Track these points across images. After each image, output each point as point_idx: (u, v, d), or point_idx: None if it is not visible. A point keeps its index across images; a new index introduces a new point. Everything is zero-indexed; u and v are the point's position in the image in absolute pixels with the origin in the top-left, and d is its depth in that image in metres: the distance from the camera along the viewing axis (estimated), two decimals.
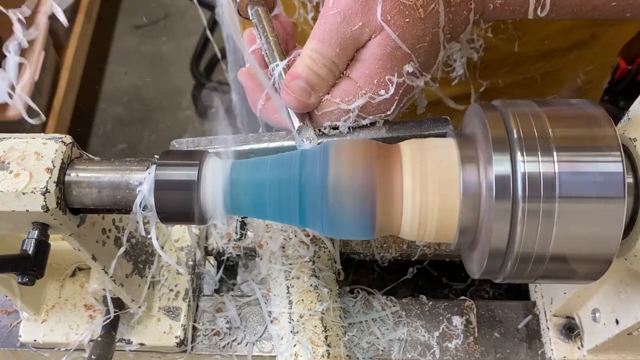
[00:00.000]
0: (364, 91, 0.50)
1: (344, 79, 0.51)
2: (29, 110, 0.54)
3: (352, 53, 0.50)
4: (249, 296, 0.69)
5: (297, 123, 0.52)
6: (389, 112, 0.52)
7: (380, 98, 0.50)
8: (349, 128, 0.52)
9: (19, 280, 0.47)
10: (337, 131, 0.52)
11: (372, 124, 0.52)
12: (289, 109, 0.52)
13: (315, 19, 0.74)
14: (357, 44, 0.49)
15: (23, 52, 0.54)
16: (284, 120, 0.53)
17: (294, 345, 0.60)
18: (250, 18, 0.56)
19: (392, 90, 0.50)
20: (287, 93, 0.51)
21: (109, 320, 0.62)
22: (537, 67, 0.80)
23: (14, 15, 0.54)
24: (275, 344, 0.63)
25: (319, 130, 0.52)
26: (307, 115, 0.52)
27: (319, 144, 0.51)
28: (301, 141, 0.51)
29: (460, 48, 0.65)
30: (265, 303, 0.67)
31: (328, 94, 0.51)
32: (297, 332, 0.60)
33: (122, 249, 0.57)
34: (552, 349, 0.64)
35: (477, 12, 0.51)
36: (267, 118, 0.55)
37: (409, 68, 0.50)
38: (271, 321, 0.65)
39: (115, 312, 0.62)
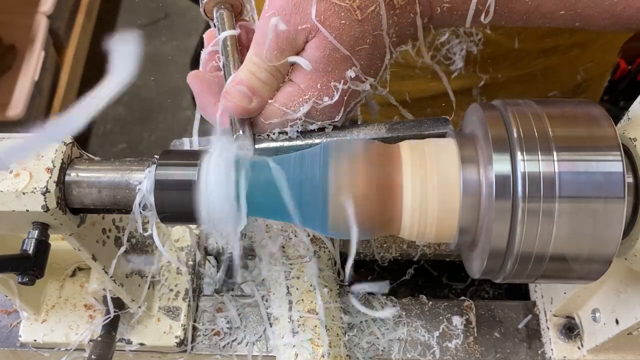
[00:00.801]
0: (307, 95, 0.49)
1: (288, 83, 0.50)
2: None
3: (292, 55, 0.49)
4: (249, 296, 0.69)
5: (237, 129, 0.51)
6: (336, 118, 0.51)
7: (325, 104, 0.49)
8: (297, 132, 0.51)
9: (19, 280, 0.47)
10: (286, 136, 0.52)
11: (321, 129, 0.52)
12: (231, 115, 0.51)
13: None
14: (294, 46, 0.49)
15: (23, 52, 0.54)
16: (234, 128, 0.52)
17: (294, 345, 0.60)
18: (214, 20, 0.56)
19: (336, 96, 0.49)
20: (227, 99, 0.50)
21: (108, 320, 0.62)
22: (538, 63, 0.80)
23: None
24: (275, 344, 0.63)
25: (267, 135, 0.52)
26: (248, 121, 0.51)
27: (255, 152, 0.51)
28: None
29: (460, 41, 0.65)
30: (265, 303, 0.67)
31: (272, 99, 0.50)
32: (297, 332, 0.60)
33: (122, 249, 0.57)
34: (552, 349, 0.64)
35: (425, 15, 0.50)
36: (216, 121, 0.54)
37: (351, 73, 0.49)
38: (271, 321, 0.65)
39: (115, 312, 0.62)
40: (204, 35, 0.58)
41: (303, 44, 0.49)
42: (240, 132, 0.51)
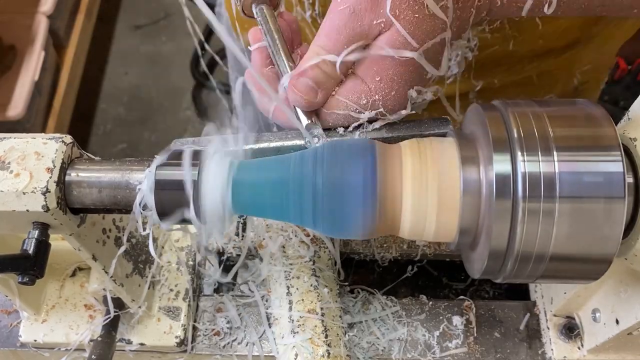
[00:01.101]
0: (370, 89, 0.49)
1: (351, 76, 0.50)
2: None
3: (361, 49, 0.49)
4: (249, 296, 0.69)
5: (305, 121, 0.51)
6: (395, 115, 0.51)
7: (388, 96, 0.49)
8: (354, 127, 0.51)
9: (20, 280, 0.47)
10: (348, 131, 0.52)
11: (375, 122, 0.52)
12: (296, 107, 0.51)
13: (312, 17, 0.74)
14: (366, 40, 0.49)
15: (23, 52, 0.53)
16: (293, 120, 0.52)
17: (294, 346, 0.60)
18: (255, 16, 0.56)
19: (396, 89, 0.49)
20: (294, 92, 0.50)
21: (109, 320, 0.62)
22: (533, 67, 0.80)
23: None
24: (275, 344, 0.63)
25: (334, 129, 0.52)
26: (314, 112, 0.52)
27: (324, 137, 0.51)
28: (310, 139, 0.51)
29: (455, 47, 0.64)
30: (265, 303, 0.67)
31: (335, 92, 0.50)
32: (297, 332, 0.60)
33: (122, 249, 0.57)
34: (552, 349, 0.64)
35: (485, 8, 0.50)
36: (279, 120, 0.54)
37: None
38: (271, 321, 0.65)
39: (115, 312, 0.62)
40: (249, 34, 0.57)
41: (374, 38, 0.48)
42: (309, 121, 0.51)
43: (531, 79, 0.82)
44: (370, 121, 0.51)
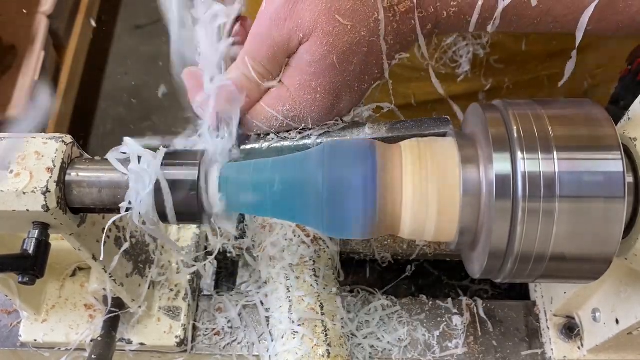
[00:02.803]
0: (294, 98, 0.49)
1: (278, 85, 0.50)
2: None
3: (284, 58, 0.50)
4: (249, 297, 0.69)
5: (225, 127, 0.51)
6: (327, 122, 0.51)
7: (312, 106, 0.50)
8: (276, 135, 0.52)
9: (20, 280, 0.47)
10: (268, 137, 0.52)
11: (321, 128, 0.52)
12: (218, 112, 0.52)
13: None
14: (287, 49, 0.49)
15: (23, 52, 0.53)
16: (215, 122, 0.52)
17: (294, 346, 0.60)
18: None
19: (320, 100, 0.49)
20: (216, 97, 0.50)
21: (109, 320, 0.62)
22: (545, 67, 0.80)
23: None
24: (274, 345, 0.63)
25: (258, 135, 0.52)
26: (236, 119, 0.51)
27: (241, 152, 0.51)
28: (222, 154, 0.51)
29: (467, 44, 0.64)
30: (263, 304, 0.67)
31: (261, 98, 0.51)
32: (297, 332, 0.60)
33: (125, 246, 0.57)
34: (552, 349, 0.64)
35: (430, 21, 0.50)
36: (204, 116, 0.54)
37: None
38: (271, 321, 0.65)
39: (115, 311, 0.62)
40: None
41: (296, 48, 0.49)
42: (225, 130, 0.51)
43: (542, 80, 0.82)
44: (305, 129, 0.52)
